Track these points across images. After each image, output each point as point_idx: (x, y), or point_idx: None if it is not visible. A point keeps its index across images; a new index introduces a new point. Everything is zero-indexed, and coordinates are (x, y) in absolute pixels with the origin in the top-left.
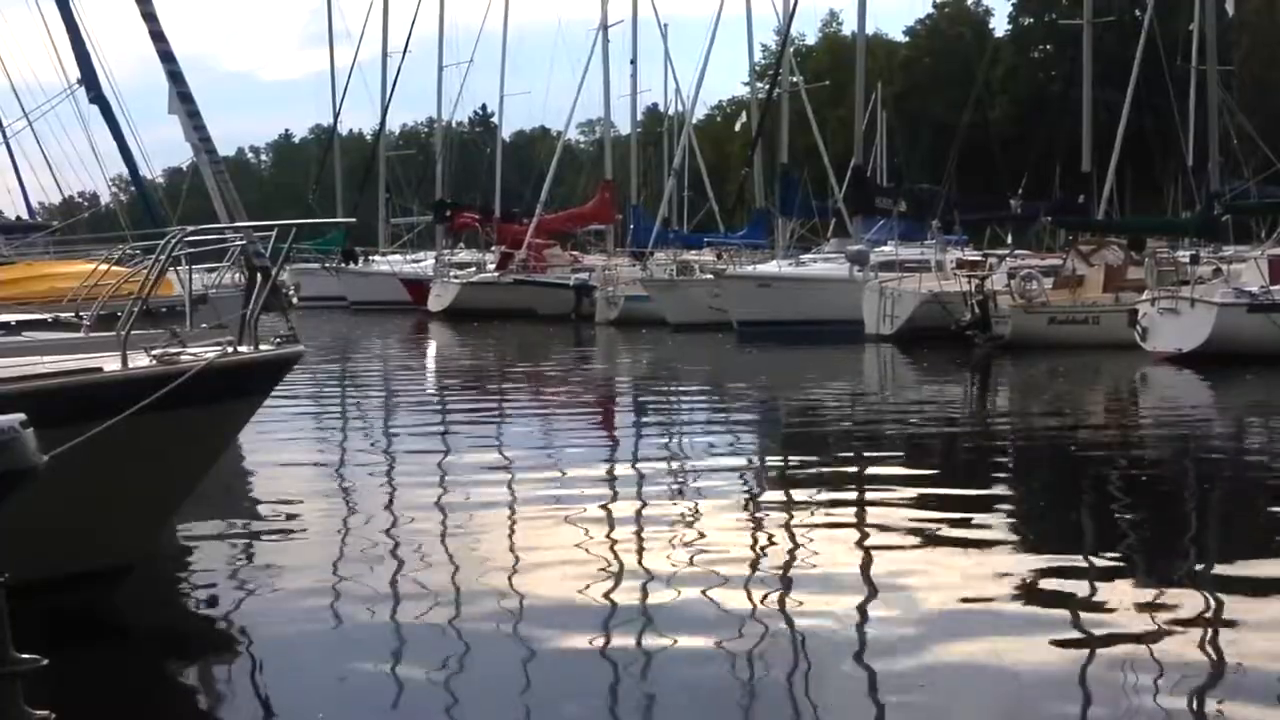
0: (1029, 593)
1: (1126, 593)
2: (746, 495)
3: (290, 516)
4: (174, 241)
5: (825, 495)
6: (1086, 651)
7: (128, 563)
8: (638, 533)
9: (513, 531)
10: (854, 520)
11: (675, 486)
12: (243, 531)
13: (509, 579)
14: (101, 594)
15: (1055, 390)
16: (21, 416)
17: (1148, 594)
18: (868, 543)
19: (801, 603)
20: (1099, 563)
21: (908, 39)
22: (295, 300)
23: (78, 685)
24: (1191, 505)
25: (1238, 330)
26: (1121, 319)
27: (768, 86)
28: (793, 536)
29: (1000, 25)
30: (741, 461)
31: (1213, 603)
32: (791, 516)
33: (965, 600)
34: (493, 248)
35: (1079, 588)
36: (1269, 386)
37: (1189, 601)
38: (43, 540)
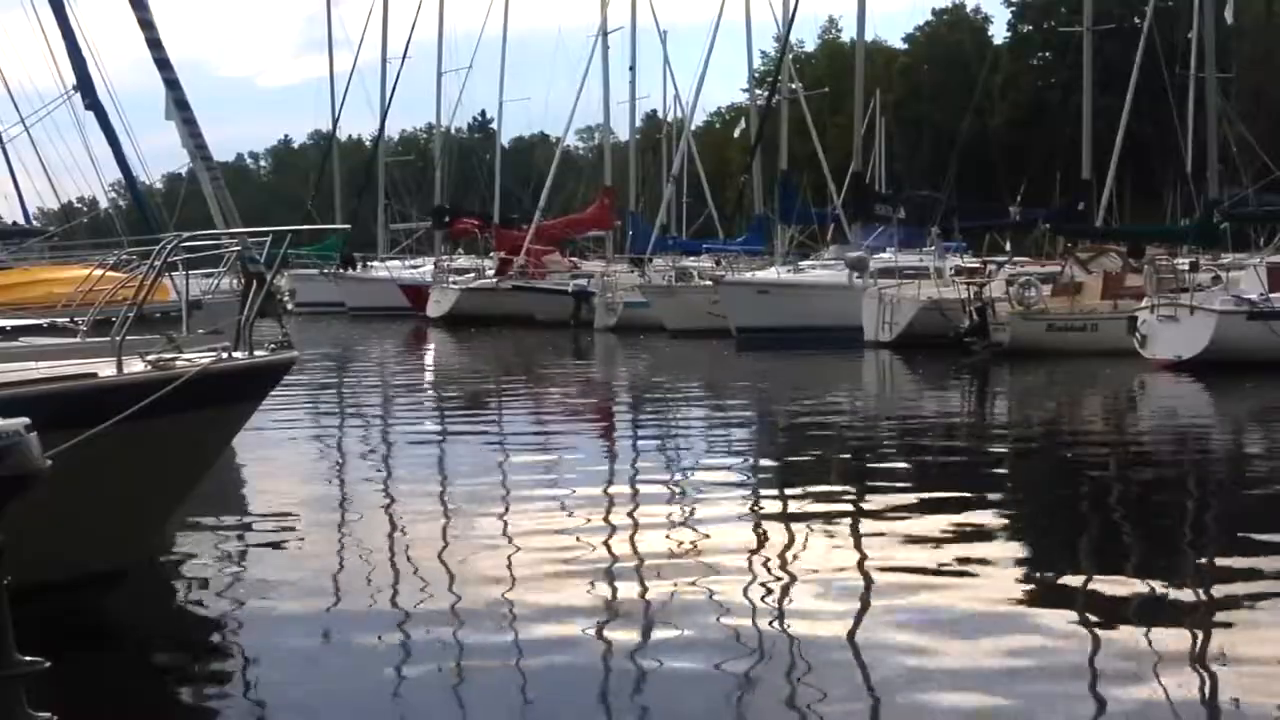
0: (1027, 603)
1: (1125, 602)
2: (744, 507)
3: (285, 520)
4: (169, 247)
5: (822, 507)
6: (1083, 661)
7: (123, 567)
8: (635, 544)
9: (510, 536)
10: (851, 530)
11: (673, 499)
12: (238, 535)
13: (505, 583)
14: (98, 598)
15: (1054, 398)
16: (26, 421)
17: (1147, 603)
18: (866, 553)
19: (801, 616)
20: (1097, 574)
21: (907, 46)
22: (290, 306)
23: (78, 687)
24: (1191, 514)
25: (1237, 338)
26: (1120, 326)
27: (767, 93)
28: (792, 548)
29: (999, 32)
30: (739, 472)
31: (1211, 613)
32: (790, 528)
33: (962, 609)
34: (491, 254)
35: (1078, 599)
36: (1268, 394)
37: (1187, 609)
38: (38, 545)
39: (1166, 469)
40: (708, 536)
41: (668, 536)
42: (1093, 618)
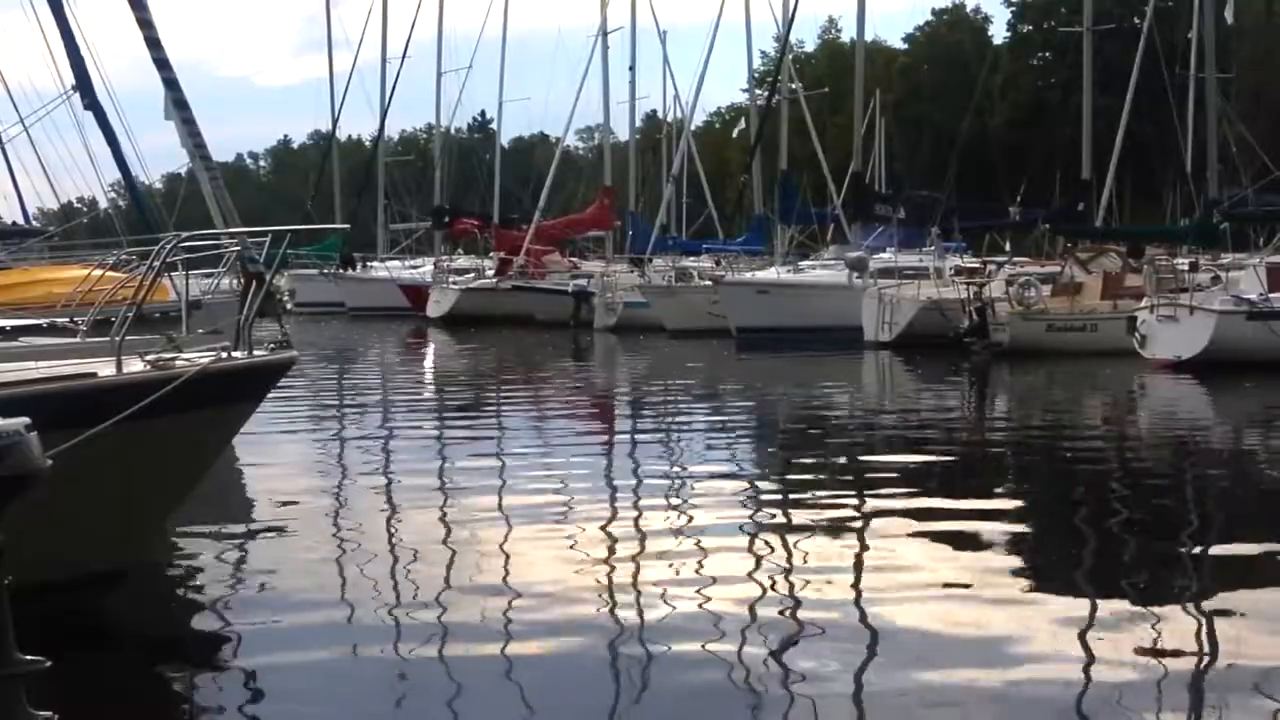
0: (1025, 610)
1: (1125, 610)
2: (744, 509)
3: (285, 520)
4: (169, 247)
5: (820, 509)
6: (1084, 660)
7: (123, 567)
8: (634, 544)
9: (508, 540)
10: (850, 532)
11: (672, 500)
12: (238, 535)
13: (506, 584)
14: (98, 598)
15: (1053, 398)
16: (26, 420)
17: (1147, 611)
18: (865, 554)
19: (800, 616)
20: (1097, 579)
21: (907, 46)
22: (290, 306)
23: (78, 687)
24: (1191, 514)
25: (1236, 338)
26: (1120, 326)
27: (767, 93)
28: (791, 550)
29: (999, 32)
30: (738, 477)
31: (1211, 613)
32: (788, 533)
33: (960, 617)
34: (491, 254)
35: (1076, 609)
36: (1268, 394)
37: (1188, 609)
38: (38, 545)
39: (1166, 469)
40: (706, 537)
41: (666, 538)
42: (1093, 618)
